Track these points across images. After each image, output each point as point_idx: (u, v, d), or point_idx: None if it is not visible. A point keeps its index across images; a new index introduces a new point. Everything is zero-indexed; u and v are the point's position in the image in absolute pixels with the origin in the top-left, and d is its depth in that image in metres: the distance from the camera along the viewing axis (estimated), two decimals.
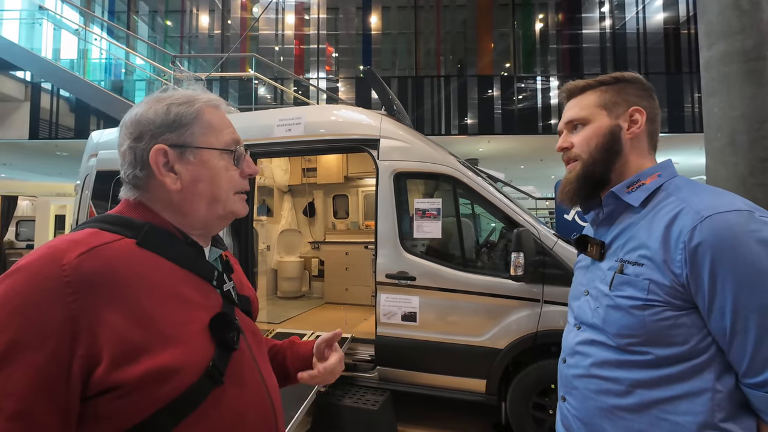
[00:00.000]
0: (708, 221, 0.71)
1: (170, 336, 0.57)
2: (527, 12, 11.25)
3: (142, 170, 0.66)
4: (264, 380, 0.71)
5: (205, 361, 0.60)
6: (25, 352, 0.48)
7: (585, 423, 0.85)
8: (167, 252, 0.64)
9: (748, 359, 0.68)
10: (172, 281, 0.62)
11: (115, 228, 0.61)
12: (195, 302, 0.64)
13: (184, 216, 0.68)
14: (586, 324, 0.88)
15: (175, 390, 0.55)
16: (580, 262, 1.00)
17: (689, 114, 9.82)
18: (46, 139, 9.47)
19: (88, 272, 0.53)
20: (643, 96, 0.90)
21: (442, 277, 2.77)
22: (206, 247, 0.73)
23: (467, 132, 10.35)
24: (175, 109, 0.68)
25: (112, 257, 0.56)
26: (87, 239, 0.57)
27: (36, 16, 8.81)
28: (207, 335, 0.62)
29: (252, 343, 0.73)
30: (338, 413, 2.69)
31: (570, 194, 0.92)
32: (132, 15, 11.89)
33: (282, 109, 3.41)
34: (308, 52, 11.81)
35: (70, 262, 0.52)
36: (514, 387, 2.61)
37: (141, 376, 0.52)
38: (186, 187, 0.67)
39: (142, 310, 0.56)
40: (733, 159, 1.66)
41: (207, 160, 0.68)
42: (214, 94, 0.75)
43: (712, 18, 1.74)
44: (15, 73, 8.96)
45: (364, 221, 5.60)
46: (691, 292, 0.73)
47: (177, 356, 0.56)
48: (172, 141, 0.66)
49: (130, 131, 0.67)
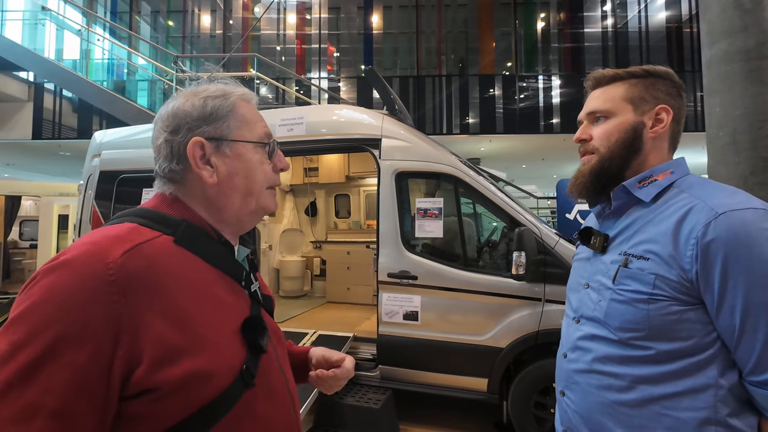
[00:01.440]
0: (723, 218, 0.70)
1: (207, 338, 0.56)
2: (529, 11, 11.23)
3: (179, 164, 0.66)
4: (287, 383, 0.71)
5: (239, 365, 0.59)
6: (68, 350, 0.47)
7: (585, 418, 0.84)
8: (203, 251, 0.63)
9: (756, 357, 0.68)
10: (207, 281, 0.61)
11: (154, 224, 0.61)
12: (228, 303, 0.63)
13: (218, 211, 0.68)
14: (587, 317, 0.87)
15: (210, 393, 0.55)
16: (579, 254, 0.99)
17: (691, 113, 9.79)
18: (49, 139, 9.51)
19: (132, 271, 0.52)
20: (672, 94, 0.87)
21: (444, 276, 2.78)
22: (235, 246, 0.72)
23: (469, 131, 10.34)
24: (212, 102, 0.68)
25: (153, 256, 0.56)
26: (129, 236, 0.56)
27: (39, 16, 8.85)
28: (239, 338, 0.61)
29: (276, 345, 0.72)
30: (340, 412, 2.70)
31: (580, 187, 0.90)
32: (134, 15, 11.92)
33: (284, 109, 3.42)
34: (310, 51, 11.83)
35: (115, 261, 0.51)
36: (516, 386, 2.62)
37: (179, 379, 0.52)
38: (222, 180, 0.67)
39: (181, 311, 0.55)
40: (735, 158, 1.66)
41: (243, 153, 0.68)
42: (247, 89, 0.74)
43: (713, 17, 1.74)
44: (18, 74, 9.00)
45: (366, 221, 5.61)
46: (699, 289, 0.72)
47: (213, 359, 0.56)
48: (209, 134, 0.66)
49: (166, 124, 0.66)
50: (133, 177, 3.55)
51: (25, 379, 0.46)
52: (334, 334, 3.23)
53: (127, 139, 3.78)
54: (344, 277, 5.03)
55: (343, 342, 3.07)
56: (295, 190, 5.86)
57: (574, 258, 1.03)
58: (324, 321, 4.08)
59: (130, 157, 3.64)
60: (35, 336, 0.47)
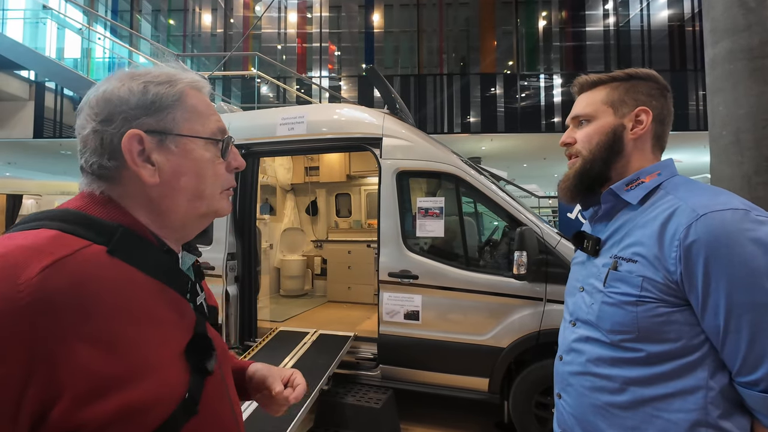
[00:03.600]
0: (703, 219, 0.71)
1: (144, 365, 0.49)
2: (530, 9, 11.20)
3: (111, 159, 0.55)
4: (232, 406, 0.65)
5: (181, 391, 0.52)
6: None
7: (579, 420, 0.85)
8: (142, 262, 0.54)
9: (741, 358, 0.69)
10: (146, 298, 0.53)
11: (81, 230, 0.50)
12: (170, 322, 0.55)
13: (161, 215, 0.59)
14: (581, 320, 0.88)
15: (149, 425, 0.48)
16: (576, 258, 1.01)
17: (694, 112, 9.77)
18: (50, 138, 9.53)
19: (52, 292, 0.43)
20: (654, 95, 0.88)
21: (445, 275, 2.77)
22: (179, 253, 0.64)
23: (470, 130, 10.33)
24: (154, 88, 0.57)
25: (80, 271, 0.46)
26: (49, 247, 0.46)
27: (40, 15, 8.85)
28: (182, 361, 0.54)
29: (222, 364, 0.65)
30: (341, 411, 2.70)
31: (566, 190, 0.93)
32: (135, 14, 11.93)
33: (285, 108, 3.42)
34: (311, 50, 11.81)
35: (29, 281, 0.42)
36: (517, 386, 2.61)
37: (110, 415, 0.44)
38: (166, 181, 0.57)
39: (114, 335, 0.47)
40: (738, 157, 1.65)
41: (191, 150, 0.59)
42: (198, 75, 0.65)
43: (717, 15, 1.73)
44: (19, 73, 9.02)
45: (367, 220, 5.61)
46: (684, 290, 0.73)
47: (152, 388, 0.48)
48: (150, 126, 0.56)
49: (95, 112, 0.56)
50: None
51: None
52: (334, 334, 3.23)
53: None
54: (345, 277, 5.03)
55: (343, 341, 3.07)
56: (296, 189, 5.86)
57: (572, 262, 1.04)
58: (325, 320, 4.08)
59: None
60: None
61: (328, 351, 2.91)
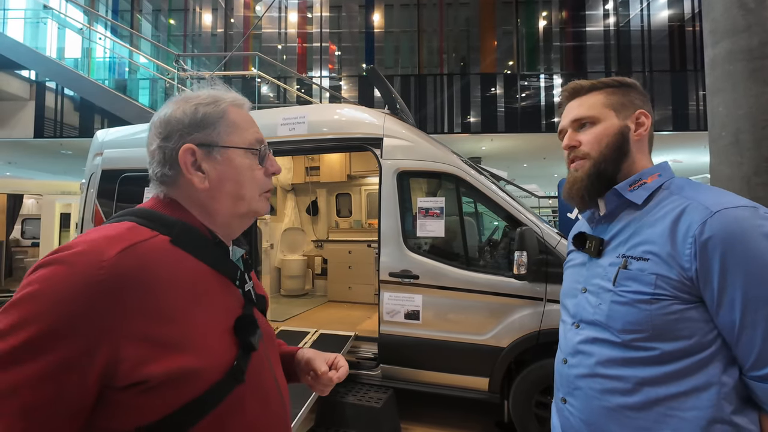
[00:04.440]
0: (718, 216, 0.72)
1: (197, 336, 0.59)
2: (531, 9, 11.19)
3: (171, 169, 0.68)
4: (277, 381, 0.73)
5: (229, 362, 0.61)
6: (53, 341, 0.49)
7: (589, 424, 0.83)
8: (197, 251, 0.65)
9: (757, 351, 0.69)
10: (201, 280, 0.63)
11: (151, 224, 0.63)
12: (220, 302, 0.65)
13: (209, 214, 0.70)
14: (586, 321, 0.88)
15: (199, 388, 0.57)
16: (571, 261, 1.01)
17: (694, 112, 9.76)
18: (51, 137, 9.52)
19: (124, 271, 0.54)
20: (644, 101, 0.92)
21: (445, 275, 2.78)
22: (229, 247, 0.74)
23: (470, 130, 10.33)
24: (203, 109, 0.69)
25: (148, 255, 0.58)
26: (127, 235, 0.58)
27: (40, 15, 8.85)
28: (231, 336, 0.64)
29: (267, 344, 0.74)
30: (341, 410, 2.71)
31: (580, 192, 0.91)
32: (136, 14, 11.92)
33: (285, 108, 3.42)
34: (311, 50, 11.81)
35: (108, 260, 0.53)
36: (517, 385, 2.62)
37: (166, 374, 0.54)
38: (213, 185, 0.69)
39: (172, 309, 0.57)
40: (738, 158, 1.65)
41: (233, 159, 0.70)
42: (239, 94, 0.76)
43: (717, 16, 1.73)
44: (20, 72, 9.00)
45: (367, 220, 5.62)
46: (698, 286, 0.73)
47: (202, 357, 0.58)
48: (200, 140, 0.68)
49: (159, 131, 0.69)
50: (135, 176, 3.55)
51: (13, 361, 0.48)
52: (335, 333, 3.24)
53: (129, 138, 3.79)
54: (345, 276, 5.04)
55: (344, 341, 3.08)
56: (296, 189, 5.87)
57: (566, 266, 1.04)
58: (325, 320, 4.08)
59: (132, 155, 3.64)
60: (26, 324, 0.49)
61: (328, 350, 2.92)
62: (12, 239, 7.78)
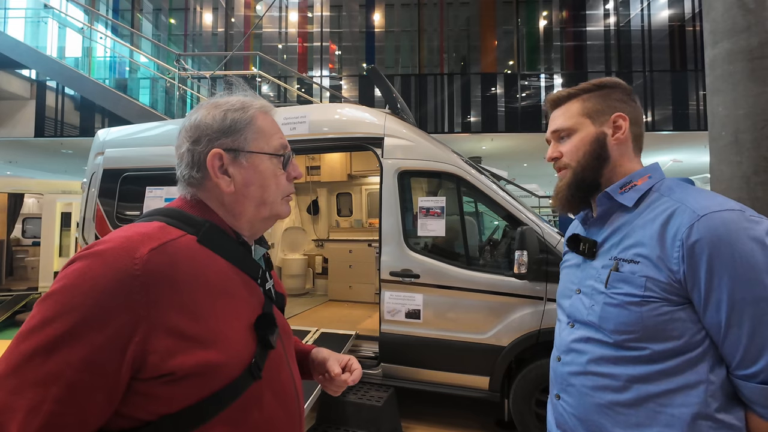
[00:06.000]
0: (705, 219, 0.74)
1: (220, 332, 0.61)
2: (531, 9, 11.19)
3: (199, 171, 0.70)
4: (293, 378, 0.76)
5: (248, 358, 0.64)
6: (88, 332, 0.52)
7: (582, 420, 0.86)
8: (223, 250, 0.68)
9: (742, 351, 0.71)
10: (225, 279, 0.66)
11: (180, 224, 0.66)
12: (243, 300, 0.68)
13: (234, 216, 0.73)
14: (580, 322, 0.89)
15: (220, 382, 0.60)
16: (567, 261, 1.02)
17: (694, 112, 9.76)
18: (51, 137, 9.53)
19: (156, 268, 0.57)
20: (625, 100, 0.92)
21: (446, 274, 2.79)
22: (252, 246, 0.77)
23: (471, 130, 10.33)
24: (231, 114, 0.72)
25: (177, 254, 0.60)
26: (158, 233, 0.61)
27: (41, 14, 8.86)
28: (251, 333, 0.66)
29: (285, 342, 0.76)
30: (342, 409, 2.72)
31: (563, 200, 0.95)
32: (136, 13, 11.92)
33: (286, 108, 3.42)
34: (311, 50, 11.81)
35: (142, 257, 0.56)
36: (517, 384, 2.63)
37: (191, 367, 0.57)
38: (238, 189, 0.71)
39: (198, 306, 0.60)
40: (737, 158, 1.66)
41: (258, 164, 0.73)
42: (266, 100, 0.79)
43: (717, 16, 1.74)
44: (21, 72, 9.01)
45: (368, 219, 5.62)
46: (687, 288, 0.75)
47: (224, 351, 0.61)
48: (227, 145, 0.71)
49: (189, 134, 0.71)
50: (136, 175, 3.56)
51: (50, 350, 0.51)
52: (336, 332, 3.24)
53: (131, 137, 3.80)
54: (346, 276, 5.05)
55: (345, 340, 3.09)
56: (297, 189, 5.87)
57: (562, 266, 1.05)
58: (326, 319, 4.09)
59: (133, 155, 3.65)
60: (63, 314, 0.52)
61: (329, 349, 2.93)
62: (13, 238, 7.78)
